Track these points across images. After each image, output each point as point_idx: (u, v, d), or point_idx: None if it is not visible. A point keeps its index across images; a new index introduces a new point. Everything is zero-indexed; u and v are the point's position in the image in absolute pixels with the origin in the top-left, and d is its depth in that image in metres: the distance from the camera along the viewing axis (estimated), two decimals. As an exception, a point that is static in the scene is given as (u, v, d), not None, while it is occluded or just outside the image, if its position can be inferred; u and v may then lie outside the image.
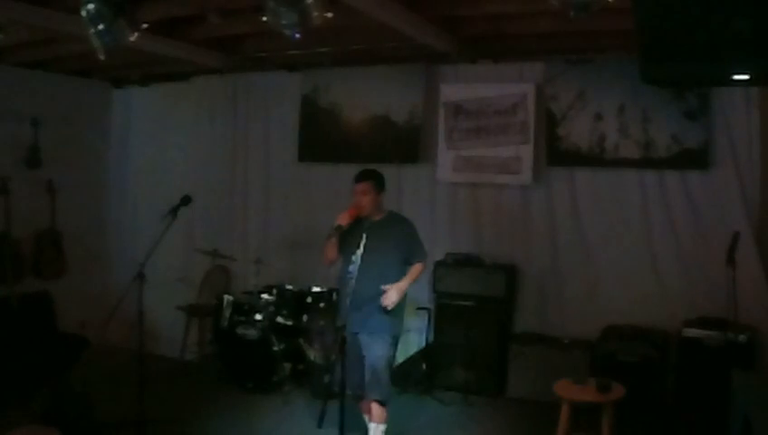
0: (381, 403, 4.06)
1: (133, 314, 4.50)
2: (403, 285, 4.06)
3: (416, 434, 4.83)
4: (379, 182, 4.18)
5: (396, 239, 4.12)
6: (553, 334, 5.44)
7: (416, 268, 4.16)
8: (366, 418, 4.24)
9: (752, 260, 4.74)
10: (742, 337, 4.40)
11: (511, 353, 5.40)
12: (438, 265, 5.69)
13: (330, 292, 5.65)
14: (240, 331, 5.64)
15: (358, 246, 3.84)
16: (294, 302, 5.76)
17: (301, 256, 6.27)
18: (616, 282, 5.31)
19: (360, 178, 4.16)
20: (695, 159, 4.96)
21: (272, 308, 5.73)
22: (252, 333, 5.58)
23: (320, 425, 3.88)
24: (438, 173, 5.88)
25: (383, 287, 3.99)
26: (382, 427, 4.11)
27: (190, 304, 6.54)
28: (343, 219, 3.99)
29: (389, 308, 3.99)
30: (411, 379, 5.58)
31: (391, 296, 3.98)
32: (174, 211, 4.56)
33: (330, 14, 3.46)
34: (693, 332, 4.68)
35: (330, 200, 5.79)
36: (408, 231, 4.22)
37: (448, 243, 5.84)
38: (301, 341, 5.60)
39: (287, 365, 5.58)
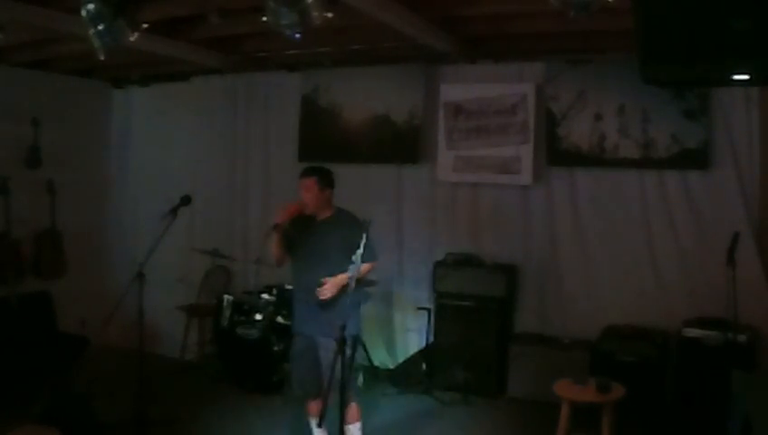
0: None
1: (133, 314, 4.50)
2: (340, 279, 3.82)
3: (416, 434, 4.84)
4: (323, 179, 3.98)
5: (342, 239, 3.86)
6: (553, 334, 5.44)
7: (362, 267, 3.69)
8: (312, 421, 4.05)
9: (752, 260, 4.74)
10: (742, 337, 4.39)
11: (511, 353, 5.40)
12: (438, 265, 5.69)
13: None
14: (240, 331, 5.64)
15: (358, 246, 3.80)
16: (294, 302, 5.76)
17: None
18: (616, 282, 5.32)
19: (304, 173, 4.02)
20: (695, 158, 4.96)
21: (272, 308, 5.72)
22: (252, 333, 5.59)
23: (320, 425, 3.85)
24: (438, 173, 5.88)
25: (322, 280, 3.85)
26: (357, 425, 4.03)
27: (190, 304, 6.54)
28: (279, 217, 3.88)
29: (322, 298, 3.83)
30: (411, 379, 5.59)
31: (326, 291, 3.82)
32: (174, 211, 4.55)
33: (330, 14, 3.46)
34: (693, 332, 4.67)
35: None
36: (357, 233, 3.72)
37: (448, 243, 5.85)
38: (301, 341, 5.60)
39: (287, 365, 5.57)
